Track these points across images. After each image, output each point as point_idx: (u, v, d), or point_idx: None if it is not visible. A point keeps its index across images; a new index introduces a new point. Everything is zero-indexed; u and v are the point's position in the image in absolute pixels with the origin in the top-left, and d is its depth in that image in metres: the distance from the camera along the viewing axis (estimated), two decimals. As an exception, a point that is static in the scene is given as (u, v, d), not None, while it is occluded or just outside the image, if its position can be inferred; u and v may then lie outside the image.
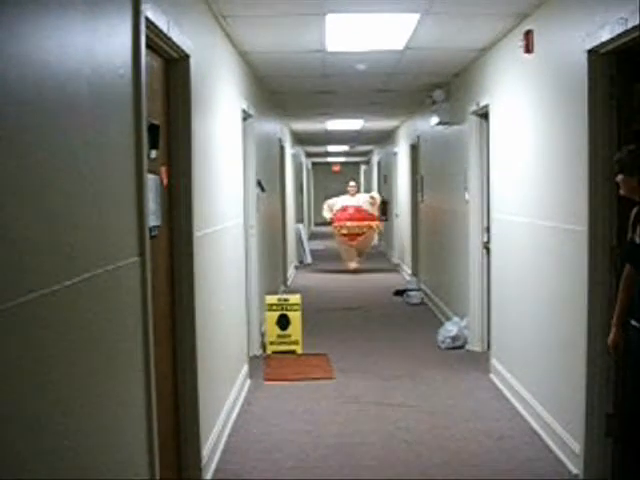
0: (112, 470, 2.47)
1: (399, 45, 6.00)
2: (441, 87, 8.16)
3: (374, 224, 14.03)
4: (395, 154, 14.69)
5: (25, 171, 1.81)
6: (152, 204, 3.20)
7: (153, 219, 3.26)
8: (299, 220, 16.64)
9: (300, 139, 16.40)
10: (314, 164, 27.13)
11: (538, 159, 4.81)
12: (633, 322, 3.50)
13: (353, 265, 13.88)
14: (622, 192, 3.39)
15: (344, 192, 14.74)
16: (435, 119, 8.28)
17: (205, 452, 4.09)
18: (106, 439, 2.40)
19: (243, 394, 5.74)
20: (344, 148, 20.60)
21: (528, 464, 4.29)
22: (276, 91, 8.57)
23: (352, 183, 14.64)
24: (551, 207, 4.55)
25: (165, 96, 3.70)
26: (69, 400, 2.07)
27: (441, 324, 8.00)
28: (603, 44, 3.66)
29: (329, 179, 28.53)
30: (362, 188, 27.55)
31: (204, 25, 4.59)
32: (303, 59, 6.61)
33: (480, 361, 6.70)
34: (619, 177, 3.37)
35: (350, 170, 28.61)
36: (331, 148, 20.56)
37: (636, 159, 3.29)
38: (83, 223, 2.24)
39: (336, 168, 28.76)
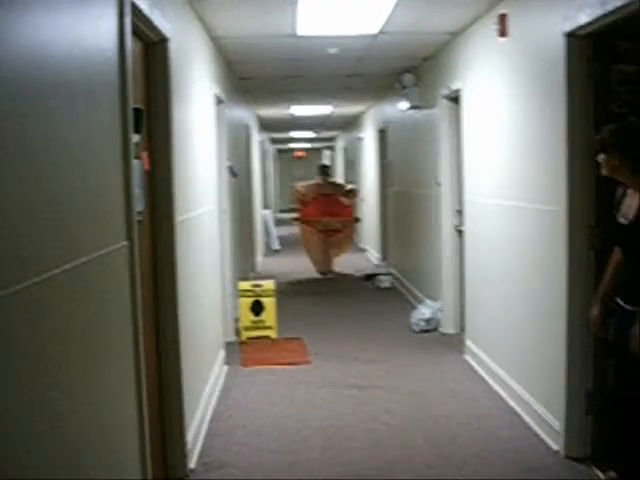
0: (104, 455, 2.45)
1: (374, 29, 5.99)
2: (411, 71, 8.17)
3: (352, 221, 11.92)
4: (361, 139, 14.71)
5: (21, 154, 1.78)
6: (137, 189, 3.18)
7: (138, 204, 3.23)
8: (266, 207, 16.59)
9: (265, 125, 16.33)
10: (279, 151, 27.05)
11: (515, 142, 4.86)
12: (619, 300, 3.56)
13: (328, 270, 11.48)
14: (603, 172, 3.44)
15: (310, 178, 12.91)
16: (405, 103, 8.30)
17: (189, 438, 4.08)
18: (99, 422, 2.38)
19: (221, 380, 5.73)
20: (309, 134, 20.57)
21: (509, 442, 4.35)
22: (245, 77, 8.51)
23: (325, 169, 12.18)
24: (529, 189, 4.60)
25: (145, 80, 3.66)
26: (66, 383, 2.05)
27: (413, 307, 8.07)
28: (581, 27, 3.70)
29: (293, 165, 28.51)
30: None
31: (179, 8, 4.54)
32: (274, 44, 6.58)
33: (454, 343, 6.77)
34: (600, 157, 3.41)
35: (314, 156, 28.60)
36: (296, 134, 20.52)
37: (618, 138, 3.33)
38: (78, 207, 2.22)
39: (300, 154, 28.73)
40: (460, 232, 6.92)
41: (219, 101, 6.47)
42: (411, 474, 3.96)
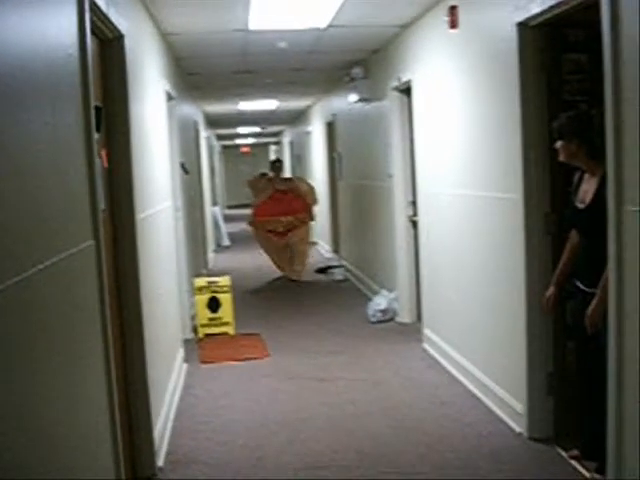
0: (80, 452, 2.44)
1: (323, 23, 6.01)
2: (359, 64, 8.22)
3: (308, 219, 10.48)
4: (309, 133, 14.73)
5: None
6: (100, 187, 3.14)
7: (101, 202, 3.20)
8: (214, 203, 16.50)
9: (212, 121, 16.22)
10: (224, 147, 26.89)
11: (471, 132, 4.93)
12: (577, 283, 3.66)
13: (295, 273, 10.31)
14: (561, 158, 3.53)
15: (255, 174, 11.36)
16: (354, 96, 8.35)
17: (155, 436, 4.06)
18: (74, 417, 2.36)
19: (182, 378, 5.70)
20: (255, 129, 20.51)
21: (473, 426, 4.43)
22: (193, 72, 8.45)
23: (278, 164, 10.79)
24: (486, 178, 4.68)
25: (101, 78, 3.62)
26: (40, 383, 2.04)
27: (368, 299, 8.13)
28: (533, 17, 3.78)
29: (239, 161, 28.40)
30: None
31: (132, 5, 4.49)
32: (225, 39, 6.55)
33: (411, 332, 6.85)
34: (558, 143, 3.50)
35: (260, 151, 28.55)
36: (242, 130, 20.43)
37: (575, 125, 3.42)
38: (49, 207, 2.19)
39: (245, 150, 28.63)
40: (414, 223, 6.99)
41: (170, 97, 6.42)
42: (379, 462, 4.01)
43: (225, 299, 7.32)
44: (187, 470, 4.03)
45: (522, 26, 3.93)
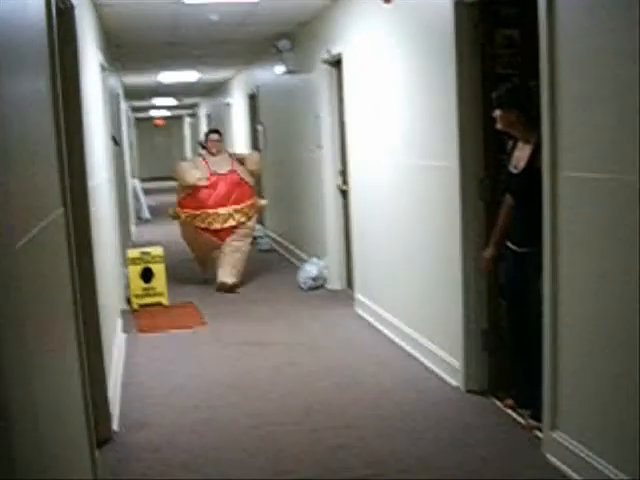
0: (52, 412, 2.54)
1: (256, -5, 6.11)
2: (286, 36, 8.32)
3: (257, 203, 7.98)
4: (229, 105, 14.72)
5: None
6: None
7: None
8: (132, 176, 16.31)
9: (128, 93, 15.98)
10: (138, 119, 26.44)
11: (406, 103, 5.13)
12: (509, 244, 3.94)
13: (228, 279, 7.69)
14: (499, 126, 3.77)
15: (170, 147, 8.94)
16: (281, 68, 8.46)
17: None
18: (54, 377, 2.46)
19: (123, 347, 5.77)
20: (171, 101, 20.29)
21: (412, 382, 4.69)
22: (120, 44, 8.38)
23: (214, 135, 8.00)
24: (421, 147, 4.90)
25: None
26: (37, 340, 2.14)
27: (296, 268, 8.31)
28: (469, -6, 4.00)
29: (154, 134, 28.02)
30: (188, 143, 27.28)
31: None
32: (157, 11, 6.55)
33: (342, 298, 7.09)
34: (497, 112, 3.74)
35: (174, 124, 28.23)
36: (158, 102, 20.18)
37: (514, 95, 3.67)
38: (31, 175, 2.27)
39: (159, 122, 28.23)
40: (343, 192, 7.20)
41: (102, 69, 6.40)
42: (326, 417, 4.22)
43: (158, 269, 7.37)
44: (142, 433, 4.14)
45: (458, 4, 4.14)
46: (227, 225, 7.55)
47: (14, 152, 1.93)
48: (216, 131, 8.27)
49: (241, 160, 7.95)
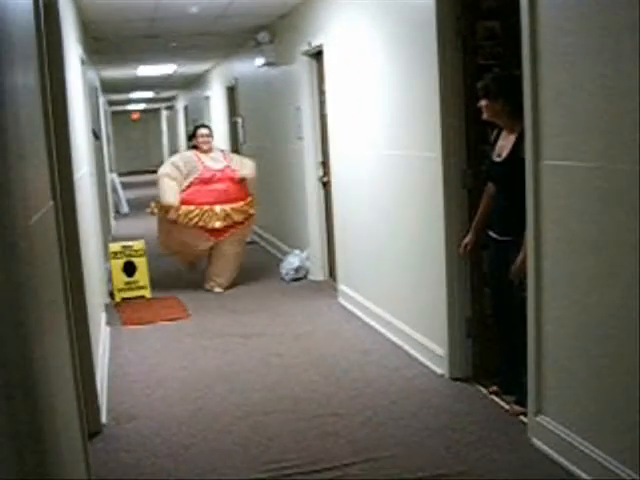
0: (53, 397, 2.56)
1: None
2: (265, 29, 8.32)
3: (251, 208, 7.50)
4: (207, 98, 14.68)
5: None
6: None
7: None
8: (110, 170, 16.23)
9: (105, 87, 15.89)
10: (114, 113, 26.28)
11: (389, 95, 5.17)
12: (490, 232, 4.00)
13: (218, 286, 7.47)
14: (485, 116, 3.82)
15: (147, 141, 8.61)
16: (261, 60, 8.46)
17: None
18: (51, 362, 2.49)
19: (107, 340, 5.78)
20: (148, 95, 20.20)
21: (397, 371, 4.74)
22: (98, 37, 8.34)
23: (204, 130, 7.44)
24: (405, 138, 4.94)
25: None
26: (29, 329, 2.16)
27: (278, 260, 8.35)
28: (451, -14, 4.04)
29: (129, 127, 27.85)
30: (165, 136, 27.14)
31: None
32: (135, 3, 6.53)
33: (325, 289, 7.13)
34: (483, 102, 3.79)
35: (151, 117, 28.09)
36: (134, 95, 20.08)
37: (500, 85, 3.72)
38: (28, 167, 2.29)
39: (135, 116, 28.08)
40: (324, 183, 7.24)
41: (82, 62, 6.38)
42: (314, 406, 4.26)
43: (141, 263, 7.38)
44: (131, 425, 4.16)
45: (440, -5, 4.19)
46: (225, 223, 7.13)
47: (9, 147, 1.95)
48: (206, 126, 7.82)
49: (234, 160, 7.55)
